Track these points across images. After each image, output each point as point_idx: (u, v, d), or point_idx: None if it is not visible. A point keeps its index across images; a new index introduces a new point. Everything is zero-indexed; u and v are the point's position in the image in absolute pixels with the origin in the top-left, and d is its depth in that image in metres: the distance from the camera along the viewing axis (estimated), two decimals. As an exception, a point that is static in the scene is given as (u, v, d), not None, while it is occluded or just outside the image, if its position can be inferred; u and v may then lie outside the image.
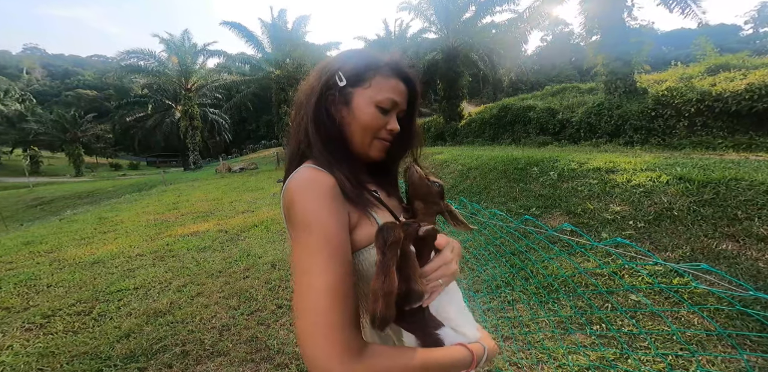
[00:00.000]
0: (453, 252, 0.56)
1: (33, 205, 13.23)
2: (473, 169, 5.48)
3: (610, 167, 3.98)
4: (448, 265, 0.53)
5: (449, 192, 5.05)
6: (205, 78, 21.36)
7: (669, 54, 24.44)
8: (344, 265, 0.48)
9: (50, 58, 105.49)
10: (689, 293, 1.95)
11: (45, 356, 1.84)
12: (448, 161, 6.42)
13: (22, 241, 5.05)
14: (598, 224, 3.15)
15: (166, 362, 1.71)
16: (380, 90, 0.60)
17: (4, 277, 3.33)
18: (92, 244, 4.49)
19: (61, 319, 2.34)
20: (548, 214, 3.58)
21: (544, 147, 7.91)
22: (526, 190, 4.20)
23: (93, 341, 1.97)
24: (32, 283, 3.12)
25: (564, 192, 3.82)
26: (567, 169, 4.21)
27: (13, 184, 22.39)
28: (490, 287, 2.36)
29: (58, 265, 3.66)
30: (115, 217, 6.45)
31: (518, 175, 4.64)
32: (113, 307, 2.45)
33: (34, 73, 76.83)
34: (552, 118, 8.95)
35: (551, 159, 4.67)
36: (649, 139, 6.60)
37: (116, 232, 5.06)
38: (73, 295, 2.74)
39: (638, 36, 7.37)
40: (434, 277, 0.52)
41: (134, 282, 2.92)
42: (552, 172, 4.32)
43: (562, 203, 3.64)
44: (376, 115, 0.60)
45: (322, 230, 0.48)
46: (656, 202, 3.12)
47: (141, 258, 3.65)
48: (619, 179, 3.62)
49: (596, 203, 3.41)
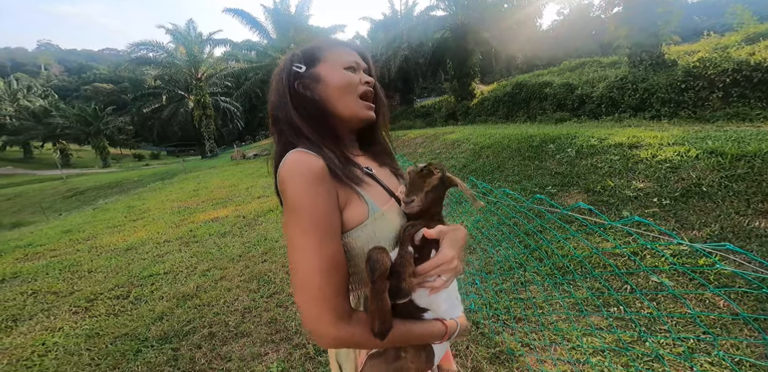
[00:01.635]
0: (454, 248, 0.55)
1: (68, 196, 14.06)
2: (486, 148, 5.34)
3: (634, 142, 3.79)
4: (448, 263, 0.53)
5: (461, 171, 4.98)
6: (213, 67, 21.44)
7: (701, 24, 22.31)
8: (333, 244, 0.53)
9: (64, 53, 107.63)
10: (715, 274, 1.89)
11: (91, 337, 2.02)
12: (459, 140, 6.28)
13: (62, 230, 5.43)
14: (619, 202, 3.05)
15: (196, 343, 1.85)
16: (339, 57, 0.65)
17: (50, 264, 3.61)
18: (124, 231, 4.77)
19: (103, 302, 2.54)
20: (565, 193, 3.49)
21: (561, 123, 7.60)
22: (541, 168, 4.09)
23: (132, 323, 2.14)
24: (75, 269, 3.37)
25: (582, 169, 3.69)
26: (586, 145, 4.05)
27: (48, 176, 23.73)
28: (502, 268, 2.36)
29: (96, 251, 3.93)
30: (142, 206, 6.79)
31: (533, 152, 4.50)
32: (147, 291, 2.64)
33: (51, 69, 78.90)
34: (570, 93, 8.54)
35: (569, 135, 4.48)
36: (678, 112, 6.22)
37: (144, 220, 5.34)
38: (111, 280, 2.95)
39: (665, 6, 6.75)
40: (430, 275, 0.53)
41: (164, 267, 3.11)
42: (570, 148, 4.16)
43: (581, 181, 3.53)
44: (347, 74, 0.64)
45: (312, 213, 0.53)
46: (684, 177, 2.97)
47: (168, 244, 3.85)
48: (643, 154, 3.45)
49: (617, 180, 3.29)
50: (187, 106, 23.71)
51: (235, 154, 16.28)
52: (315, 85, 0.63)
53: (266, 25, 16.60)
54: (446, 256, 0.53)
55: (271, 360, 1.66)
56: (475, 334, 1.77)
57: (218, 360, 1.71)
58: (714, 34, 8.48)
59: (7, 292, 2.91)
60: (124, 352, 1.81)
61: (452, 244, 0.55)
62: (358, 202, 0.59)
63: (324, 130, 0.63)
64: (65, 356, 1.83)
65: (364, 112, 0.65)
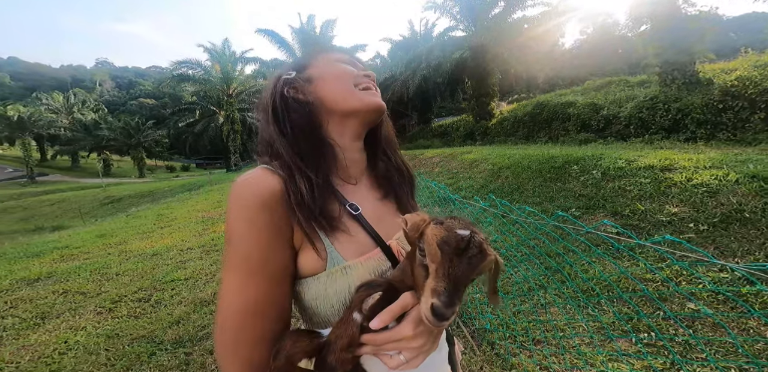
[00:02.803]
0: (420, 324, 0.40)
1: (105, 203, 15.01)
2: (505, 169, 5.27)
3: (666, 165, 3.63)
4: (407, 342, 0.40)
5: (479, 192, 4.89)
6: (243, 84, 22.86)
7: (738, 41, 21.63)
8: (262, 286, 0.44)
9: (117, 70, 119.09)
10: (761, 303, 1.73)
11: (111, 338, 2.09)
12: (477, 160, 6.23)
13: (97, 234, 5.75)
14: (651, 226, 2.90)
15: (208, 348, 1.87)
16: (330, 56, 0.59)
17: (82, 266, 3.81)
18: (152, 237, 4.99)
19: (126, 304, 2.63)
20: (590, 215, 3.35)
21: (585, 145, 7.40)
22: (564, 190, 3.96)
23: (150, 326, 2.20)
24: (104, 271, 3.53)
25: (609, 192, 3.56)
26: (613, 167, 3.92)
27: (90, 184, 25.55)
28: (521, 289, 2.26)
29: (125, 256, 4.12)
30: (171, 214, 7.12)
31: (555, 174, 4.39)
32: (167, 296, 2.71)
33: (104, 84, 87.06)
34: (595, 113, 8.34)
35: (594, 157, 4.36)
36: (716, 134, 5.90)
37: (171, 228, 5.58)
38: (136, 283, 3.07)
39: (697, 22, 6.61)
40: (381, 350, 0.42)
41: (185, 273, 3.21)
42: (595, 170, 4.03)
43: (607, 204, 3.39)
44: (343, 66, 0.57)
45: (240, 247, 0.44)
46: (723, 202, 2.79)
47: (191, 251, 3.99)
48: (677, 178, 3.29)
49: (648, 204, 3.13)
50: (218, 121, 25.18)
51: None
52: (308, 86, 0.55)
53: (293, 45, 17.70)
54: (403, 332, 0.40)
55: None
56: (490, 354, 1.70)
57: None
58: (752, 51, 8.01)
59: (41, 291, 3.08)
60: (140, 354, 1.85)
61: (418, 320, 0.40)
62: (317, 249, 0.47)
63: (307, 145, 0.52)
64: (84, 355, 1.89)
65: (370, 98, 0.55)
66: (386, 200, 0.59)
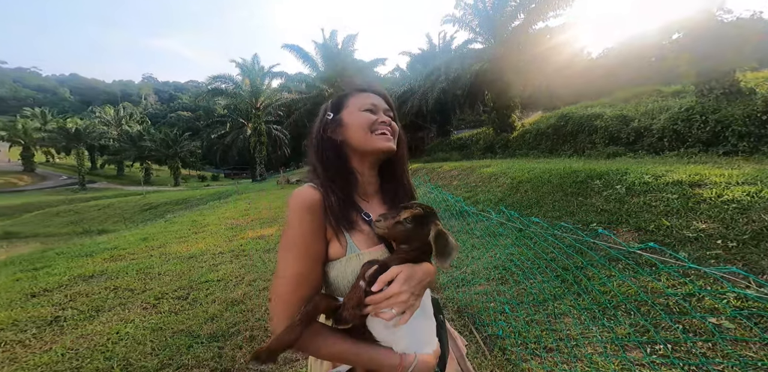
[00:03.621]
0: (406, 283, 0.60)
1: (144, 209, 16.13)
2: (524, 183, 5.25)
3: (695, 180, 3.54)
4: (396, 297, 0.59)
5: (497, 205, 4.90)
6: (270, 97, 23.88)
7: None
8: (306, 263, 0.64)
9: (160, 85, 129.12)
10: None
11: (155, 330, 2.32)
12: (496, 174, 6.22)
13: (140, 238, 6.27)
14: (676, 242, 2.83)
15: (238, 344, 2.05)
16: (358, 101, 0.75)
17: (129, 265, 4.18)
18: (188, 242, 5.39)
19: (167, 301, 2.90)
20: (612, 231, 3.31)
21: (613, 158, 7.14)
22: (585, 205, 3.92)
23: (188, 321, 2.43)
24: (148, 271, 3.86)
25: (633, 207, 3.50)
26: (639, 182, 3.85)
27: (132, 191, 27.55)
28: (536, 300, 2.29)
29: (165, 258, 4.48)
30: (203, 221, 7.61)
31: (577, 188, 4.35)
32: (202, 295, 2.96)
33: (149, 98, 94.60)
34: (625, 126, 8.02)
35: (618, 171, 4.29)
36: (761, 147, 5.54)
37: (204, 233, 5.99)
38: (175, 283, 3.36)
39: (738, 29, 6.32)
40: (381, 307, 0.60)
41: (217, 275, 3.47)
42: (619, 185, 3.97)
43: (631, 219, 3.34)
44: (365, 114, 0.73)
45: (293, 234, 0.65)
46: (754, 219, 2.70)
47: (222, 255, 4.29)
48: (707, 194, 3.21)
49: (675, 220, 3.06)
50: (246, 133, 26.42)
51: (280, 179, 17.64)
52: (339, 129, 0.73)
53: (316, 59, 18.47)
54: (392, 290, 0.59)
55: (301, 366, 1.79)
56: (501, 359, 1.76)
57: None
58: (801, 59, 7.63)
59: (95, 286, 3.44)
60: (179, 346, 2.07)
61: (404, 280, 0.60)
62: (337, 242, 0.68)
63: (336, 173, 0.72)
64: (133, 345, 2.13)
65: (383, 143, 0.72)
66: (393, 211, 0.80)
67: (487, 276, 2.81)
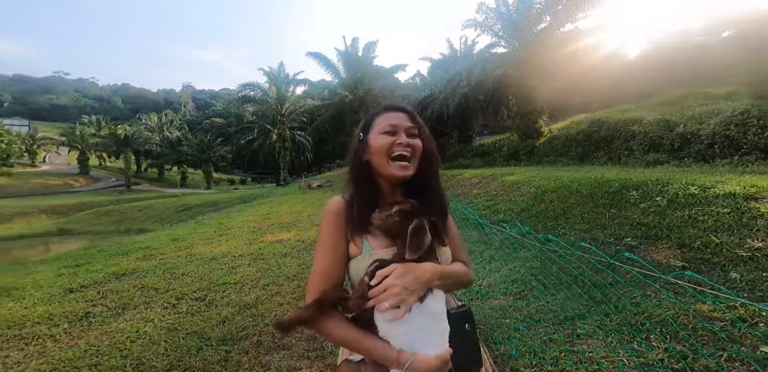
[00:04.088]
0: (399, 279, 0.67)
1: (179, 211, 17.11)
2: (550, 192, 4.96)
3: (751, 193, 3.17)
4: (389, 291, 0.66)
5: (519, 216, 4.66)
6: (294, 104, 24.69)
7: None
8: (330, 259, 0.77)
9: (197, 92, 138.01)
10: None
11: (171, 331, 2.39)
12: (519, 183, 5.94)
13: (170, 238, 6.62)
14: (727, 262, 2.54)
15: (245, 349, 2.06)
16: (380, 123, 0.83)
17: (158, 265, 4.39)
18: (212, 244, 5.61)
19: (186, 302, 2.99)
20: (650, 246, 3.02)
21: (654, 167, 6.58)
22: (619, 217, 3.62)
23: (202, 323, 2.49)
24: (173, 271, 4.02)
25: (676, 221, 3.18)
26: (683, 194, 3.50)
27: (170, 194, 29.37)
28: (557, 318, 2.12)
29: (190, 258, 4.68)
30: (228, 223, 7.92)
31: (609, 199, 4.03)
32: (219, 297, 3.04)
33: (187, 106, 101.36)
34: (668, 131, 7.38)
35: (659, 182, 3.94)
36: (829, 156, 4.92)
37: (227, 236, 6.21)
38: (195, 284, 3.47)
39: None
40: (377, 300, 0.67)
41: (235, 278, 3.55)
42: (659, 197, 3.63)
43: (672, 234, 3.03)
44: (383, 138, 0.81)
45: (322, 235, 0.80)
46: (820, 238, 2.35)
47: (241, 258, 4.40)
48: (765, 209, 2.86)
49: (726, 237, 2.76)
50: (271, 139, 27.44)
51: (302, 184, 18.06)
52: (366, 149, 0.83)
53: (338, 66, 18.88)
54: (386, 283, 0.67)
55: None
56: None
57: (258, 367, 1.87)
58: None
59: (125, 284, 3.63)
60: (190, 347, 2.11)
61: (399, 275, 0.67)
62: (357, 242, 0.79)
63: (362, 187, 0.83)
64: (148, 344, 2.20)
65: (396, 172, 0.80)
66: None
67: (504, 290, 2.66)
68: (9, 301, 3.28)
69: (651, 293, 2.33)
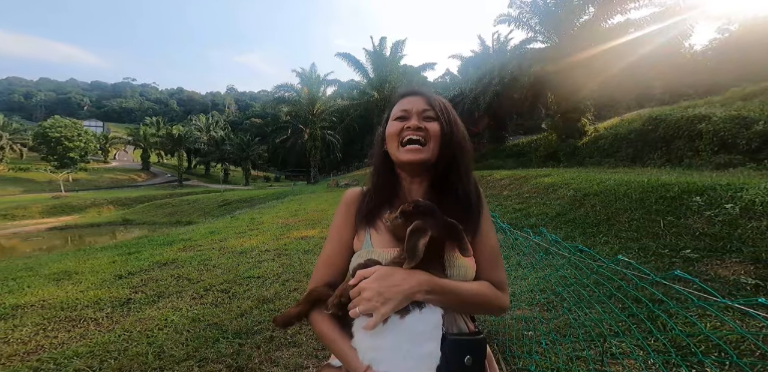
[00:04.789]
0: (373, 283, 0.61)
1: (220, 205, 18.30)
2: (591, 196, 4.52)
3: None
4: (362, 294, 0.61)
5: (553, 221, 4.28)
6: (325, 104, 25.35)
7: None
8: (334, 247, 0.78)
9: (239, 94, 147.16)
10: None
11: (194, 321, 2.50)
12: (556, 185, 5.47)
13: (208, 231, 7.06)
14: None
15: (257, 343, 2.09)
16: (395, 110, 0.79)
17: (194, 256, 4.67)
18: (243, 238, 5.88)
19: (212, 293, 3.13)
20: (715, 260, 2.62)
21: (725, 170, 5.79)
22: (677, 226, 3.18)
23: (222, 315, 2.58)
24: (206, 263, 4.24)
25: (750, 232, 2.75)
26: (761, 201, 3.00)
27: (214, 189, 31.60)
28: (589, 333, 1.89)
29: (222, 251, 4.93)
30: (260, 218, 8.27)
31: (666, 206, 3.58)
32: (241, 290, 3.15)
33: (230, 107, 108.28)
34: (744, 130, 6.47)
35: (730, 186, 3.43)
36: None
37: (258, 231, 6.47)
38: (223, 276, 3.63)
39: None
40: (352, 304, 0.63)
41: (259, 271, 3.67)
42: (730, 204, 3.15)
43: (744, 247, 2.62)
44: (394, 124, 0.77)
45: (332, 223, 0.81)
46: None
47: (267, 253, 4.54)
48: None
49: None
50: (303, 138, 28.29)
51: (330, 183, 18.49)
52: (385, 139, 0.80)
53: (366, 66, 19.06)
54: (360, 286, 0.62)
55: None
56: None
57: (267, 363, 1.89)
58: None
59: (165, 273, 3.89)
60: (208, 338, 2.19)
61: (376, 278, 0.61)
62: (360, 235, 0.77)
63: (379, 179, 0.81)
64: (172, 333, 2.31)
65: (404, 155, 0.74)
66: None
67: (530, 300, 2.45)
68: (69, 284, 3.67)
69: (710, 313, 2.01)
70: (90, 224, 17.97)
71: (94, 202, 26.47)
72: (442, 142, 0.74)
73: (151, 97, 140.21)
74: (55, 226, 17.77)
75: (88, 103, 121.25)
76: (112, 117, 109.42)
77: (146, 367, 1.88)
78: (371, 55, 18.86)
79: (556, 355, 1.74)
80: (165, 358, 1.95)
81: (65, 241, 13.85)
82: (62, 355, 2.05)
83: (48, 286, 3.53)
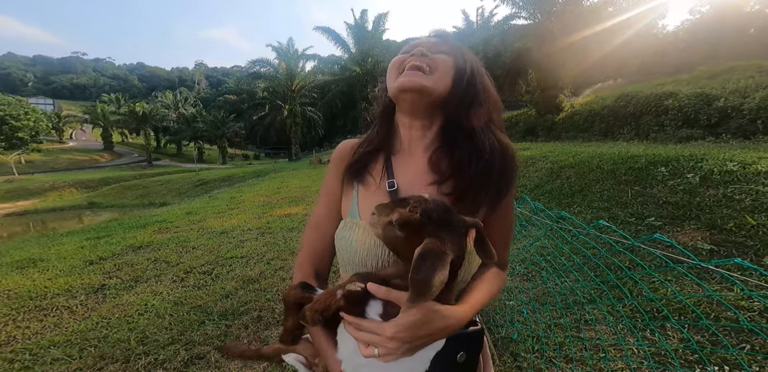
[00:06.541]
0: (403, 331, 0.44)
1: (197, 185, 17.59)
2: (567, 168, 4.67)
3: (800, 170, 2.84)
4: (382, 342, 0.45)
5: (532, 193, 4.43)
6: (304, 80, 24.38)
7: None
8: (324, 205, 0.69)
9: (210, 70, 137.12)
10: None
11: (176, 304, 2.44)
12: (534, 158, 5.61)
13: (185, 212, 6.78)
14: (762, 246, 2.34)
15: (245, 324, 2.08)
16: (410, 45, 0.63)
17: (171, 238, 4.50)
18: (223, 217, 5.71)
19: (194, 276, 3.05)
20: (676, 227, 2.81)
21: (687, 143, 6.17)
22: (643, 196, 3.37)
23: (206, 297, 2.53)
24: (185, 245, 4.11)
25: (708, 200, 2.93)
26: (719, 170, 3.20)
27: (188, 168, 30.17)
28: (566, 302, 2.01)
29: (202, 232, 4.77)
30: (240, 197, 8.03)
31: (634, 176, 3.76)
32: (224, 271, 3.08)
33: (201, 83, 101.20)
34: (706, 106, 6.85)
35: (692, 157, 3.62)
36: None
37: (238, 210, 6.30)
38: (204, 257, 3.54)
39: None
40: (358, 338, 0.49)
41: (242, 251, 3.60)
42: (692, 174, 3.34)
43: (703, 214, 2.81)
44: (400, 56, 0.61)
45: (324, 179, 0.70)
46: None
47: (249, 232, 4.44)
48: (813, 186, 2.55)
49: (764, 218, 2.53)
50: (283, 115, 27.30)
51: (313, 159, 18.09)
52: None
53: (348, 41, 18.25)
54: (383, 329, 0.45)
55: (299, 354, 1.75)
56: (511, 366, 1.58)
57: (256, 342, 1.89)
58: None
59: (140, 257, 3.74)
60: (193, 321, 2.15)
61: (408, 327, 0.44)
62: (348, 194, 0.66)
63: (381, 126, 0.67)
64: (154, 318, 2.25)
65: (399, 79, 0.57)
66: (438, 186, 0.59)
67: (510, 270, 2.55)
68: (35, 271, 3.45)
69: (672, 278, 2.18)
70: (52, 209, 16.87)
71: (54, 185, 24.67)
72: (456, 76, 0.57)
73: (107, 72, 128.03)
74: (12, 212, 16.59)
75: (32, 78, 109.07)
76: (62, 94, 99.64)
77: (129, 353, 1.83)
78: (353, 28, 17.91)
79: (536, 323, 1.85)
80: (149, 343, 1.90)
81: (27, 227, 13.00)
82: (37, 345, 1.96)
83: (12, 275, 3.31)
